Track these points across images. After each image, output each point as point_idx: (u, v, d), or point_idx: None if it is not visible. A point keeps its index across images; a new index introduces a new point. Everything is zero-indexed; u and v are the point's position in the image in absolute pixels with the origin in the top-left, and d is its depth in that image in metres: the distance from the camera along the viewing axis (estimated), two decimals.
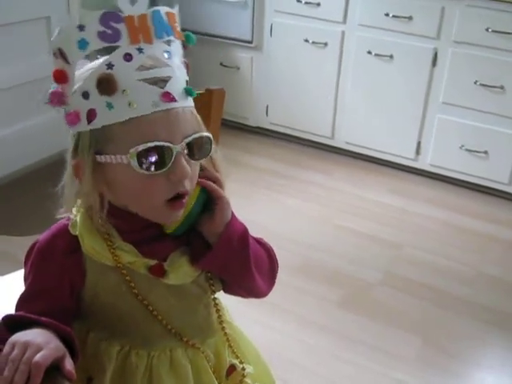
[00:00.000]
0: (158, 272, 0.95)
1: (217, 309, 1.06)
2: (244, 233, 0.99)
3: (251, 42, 3.52)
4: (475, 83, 2.97)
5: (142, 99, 0.85)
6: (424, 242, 2.79)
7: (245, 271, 0.99)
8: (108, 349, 0.99)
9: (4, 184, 3.06)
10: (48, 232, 0.97)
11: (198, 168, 0.94)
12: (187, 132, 0.89)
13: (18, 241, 2.29)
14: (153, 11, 0.87)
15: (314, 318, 2.29)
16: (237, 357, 1.09)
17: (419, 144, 3.26)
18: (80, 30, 0.84)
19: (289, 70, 3.48)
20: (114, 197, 0.92)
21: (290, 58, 3.45)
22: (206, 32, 3.60)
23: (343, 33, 3.25)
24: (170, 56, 0.89)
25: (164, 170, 0.87)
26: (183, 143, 0.88)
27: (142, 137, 0.86)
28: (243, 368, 1.09)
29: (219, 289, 1.04)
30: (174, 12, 0.91)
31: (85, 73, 0.88)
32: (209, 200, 0.96)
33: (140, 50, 0.86)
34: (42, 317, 0.89)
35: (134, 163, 0.86)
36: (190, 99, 0.92)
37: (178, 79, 0.89)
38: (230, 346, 1.09)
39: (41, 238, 0.97)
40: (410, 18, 3.04)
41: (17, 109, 3.00)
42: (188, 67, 0.94)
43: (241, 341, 1.14)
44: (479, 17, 2.88)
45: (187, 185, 0.91)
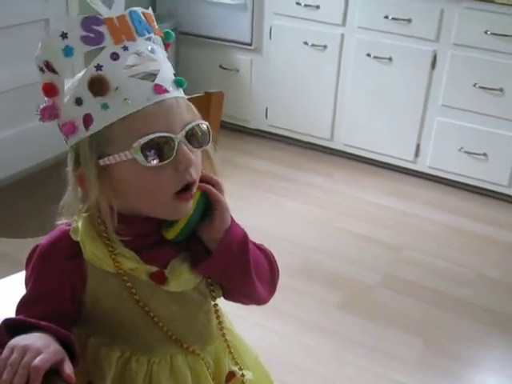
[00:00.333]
0: (159, 279, 0.95)
1: (217, 315, 1.06)
2: (244, 238, 0.98)
3: (251, 45, 3.52)
4: (474, 86, 2.98)
5: (136, 94, 0.86)
6: (423, 244, 2.79)
7: (245, 277, 0.99)
8: (108, 354, 0.98)
9: (4, 186, 3.06)
10: (50, 236, 0.97)
11: (200, 157, 0.94)
12: (185, 121, 0.90)
13: (19, 243, 2.29)
14: (130, 11, 0.89)
15: (314, 320, 2.29)
16: (236, 363, 1.09)
17: (418, 146, 3.26)
18: (63, 38, 0.85)
19: (288, 73, 3.48)
20: (122, 200, 0.92)
21: (290, 61, 3.45)
22: (206, 34, 3.61)
23: (342, 35, 3.25)
24: (154, 51, 0.91)
25: (169, 161, 0.87)
26: (183, 132, 0.89)
27: (142, 131, 0.86)
28: (242, 374, 1.08)
29: (219, 295, 1.04)
30: (150, 12, 0.93)
31: (74, 83, 0.88)
32: (208, 205, 0.96)
33: (125, 48, 0.87)
34: (42, 321, 0.89)
35: (140, 157, 0.86)
36: (181, 90, 0.93)
37: (166, 72, 0.91)
38: (230, 353, 1.09)
39: (42, 242, 0.97)
40: (409, 21, 3.04)
41: (16, 111, 3.00)
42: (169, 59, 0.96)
43: (240, 347, 1.13)
44: (478, 19, 2.89)
45: (193, 173, 0.91)
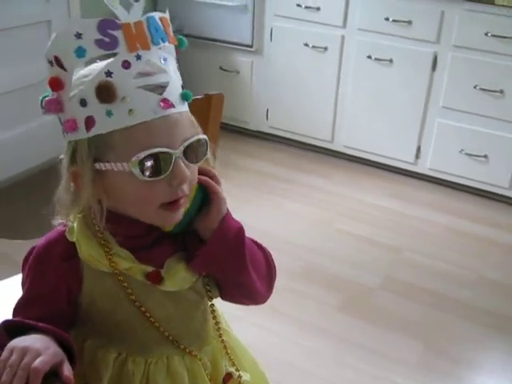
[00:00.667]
0: (155, 279, 0.95)
1: (214, 315, 1.06)
2: (239, 230, 0.98)
3: (251, 46, 3.52)
4: (475, 87, 2.98)
5: (142, 106, 0.85)
6: (424, 246, 2.79)
7: (241, 269, 0.98)
8: (105, 356, 0.98)
9: (5, 187, 3.06)
10: (45, 238, 0.97)
11: (197, 171, 0.94)
12: (185, 136, 0.89)
13: (18, 244, 2.29)
14: (148, 18, 0.87)
15: (314, 322, 2.29)
16: (233, 364, 1.09)
17: (419, 148, 3.26)
18: (77, 38, 0.84)
19: (289, 74, 3.48)
20: (112, 202, 0.92)
21: (290, 62, 3.45)
22: (206, 36, 3.61)
23: (343, 37, 3.25)
24: (167, 62, 0.90)
25: (165, 176, 0.87)
26: (182, 147, 0.88)
27: (142, 144, 0.86)
28: (240, 376, 1.08)
29: (216, 295, 1.04)
30: (167, 16, 0.92)
31: (82, 78, 0.87)
32: (205, 197, 0.97)
33: (138, 57, 0.86)
34: (40, 322, 0.89)
35: (136, 171, 0.86)
36: (186, 104, 0.92)
37: (175, 84, 0.90)
38: (227, 354, 1.08)
39: (38, 244, 0.97)
40: (410, 23, 3.04)
41: (19, 112, 3.01)
42: (179, 66, 0.95)
43: (237, 348, 1.13)
44: (478, 21, 2.89)
45: (186, 189, 0.91)
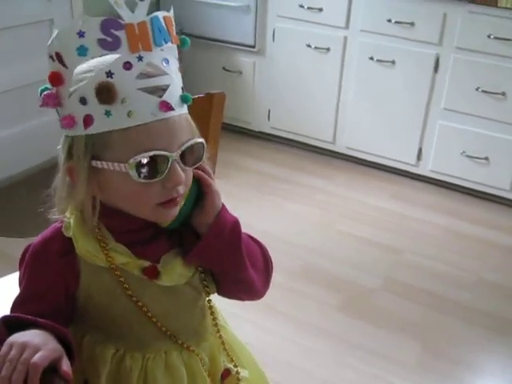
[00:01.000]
0: (152, 273, 0.95)
1: (211, 311, 1.06)
2: (235, 223, 0.98)
3: (254, 47, 3.52)
4: (477, 89, 2.98)
5: (141, 108, 0.86)
6: (424, 248, 2.79)
7: (238, 263, 0.99)
8: (103, 352, 0.99)
9: (5, 186, 3.07)
10: (41, 235, 0.98)
11: (192, 173, 0.95)
12: (183, 139, 0.90)
13: (18, 242, 2.30)
14: (152, 18, 0.87)
15: (314, 322, 2.29)
16: (231, 360, 1.10)
17: (420, 150, 3.26)
18: (80, 37, 0.83)
19: (291, 75, 3.49)
20: (107, 198, 0.92)
21: (293, 63, 3.45)
22: (209, 36, 3.62)
23: (345, 38, 3.26)
24: (168, 63, 0.90)
25: (160, 178, 0.88)
26: (179, 151, 0.89)
27: (140, 145, 0.86)
28: (238, 372, 1.09)
29: (213, 291, 1.04)
30: (171, 15, 0.91)
31: (82, 74, 0.87)
32: (200, 193, 0.97)
33: (139, 58, 0.86)
34: (39, 318, 0.89)
35: (133, 173, 0.86)
36: (186, 106, 0.92)
37: (175, 87, 0.90)
38: (225, 350, 1.09)
39: (34, 242, 0.98)
40: (412, 24, 3.04)
41: (20, 110, 3.02)
42: (180, 67, 0.95)
43: (235, 345, 1.14)
44: (481, 23, 2.89)
45: (181, 190, 0.92)
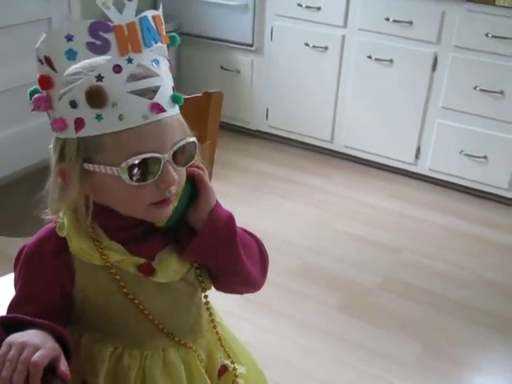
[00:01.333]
0: (147, 270, 0.96)
1: (207, 307, 1.06)
2: (229, 218, 0.99)
3: (252, 46, 3.52)
4: (475, 88, 2.98)
5: (132, 111, 0.85)
6: (423, 246, 2.79)
7: (234, 257, 0.99)
8: (101, 350, 0.99)
9: (4, 185, 3.07)
10: (35, 236, 0.98)
11: (185, 172, 0.94)
12: (174, 140, 0.90)
13: (17, 241, 2.29)
14: (141, 18, 0.86)
15: (313, 322, 2.29)
16: (228, 357, 1.10)
17: (419, 148, 3.26)
18: (68, 40, 0.83)
19: (289, 74, 3.49)
20: (99, 199, 0.92)
21: (291, 62, 3.45)
22: (207, 35, 3.62)
23: (343, 37, 3.26)
24: (158, 64, 0.89)
25: (153, 180, 0.88)
26: (171, 151, 0.89)
27: (132, 149, 0.86)
28: (235, 368, 1.09)
29: (209, 286, 1.04)
30: (160, 14, 0.91)
31: (71, 76, 0.86)
32: (194, 190, 0.97)
33: (129, 61, 0.85)
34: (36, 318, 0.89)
35: (125, 176, 0.86)
36: (177, 106, 0.92)
37: (166, 87, 0.89)
38: (222, 346, 1.09)
39: (29, 243, 0.98)
40: (411, 23, 3.04)
41: (17, 110, 3.01)
42: (171, 66, 0.94)
43: (232, 342, 1.14)
44: (479, 22, 2.89)
45: (173, 190, 0.92)
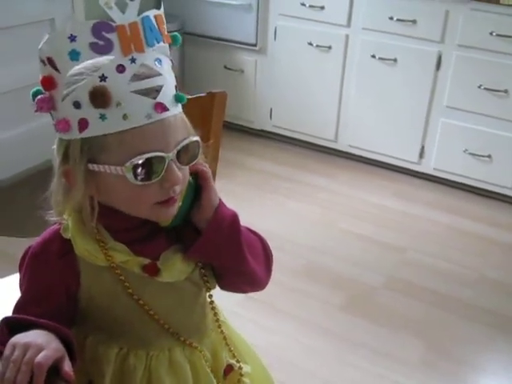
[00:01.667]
0: (152, 270, 0.96)
1: (212, 307, 1.07)
2: (233, 217, 0.99)
3: (255, 45, 3.52)
4: (479, 87, 2.97)
5: (136, 111, 0.85)
6: (427, 246, 2.79)
7: (238, 256, 0.99)
8: (106, 351, 0.99)
9: (7, 185, 3.08)
10: (40, 238, 0.98)
11: (188, 171, 0.95)
12: (178, 139, 0.90)
13: (20, 242, 2.30)
14: (143, 18, 0.87)
15: (317, 321, 2.29)
16: (234, 356, 1.10)
17: (423, 147, 3.25)
18: (71, 41, 0.83)
19: (293, 73, 3.48)
20: (104, 199, 0.93)
21: (294, 62, 3.45)
22: (210, 35, 3.62)
23: (347, 36, 3.25)
24: (161, 63, 0.89)
25: (157, 179, 0.88)
26: (175, 150, 0.89)
27: (136, 148, 0.86)
28: (240, 367, 1.09)
29: (214, 286, 1.05)
30: (161, 13, 0.91)
31: (74, 77, 0.86)
32: (198, 190, 0.97)
33: (132, 61, 0.85)
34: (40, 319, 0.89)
35: (130, 176, 0.86)
36: (180, 105, 0.92)
37: (169, 86, 0.90)
38: (227, 345, 1.09)
39: (33, 244, 0.98)
40: (414, 22, 3.04)
41: (20, 111, 3.01)
42: (174, 66, 0.94)
43: (237, 341, 1.14)
44: (483, 20, 2.88)
45: (178, 189, 0.92)
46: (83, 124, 0.86)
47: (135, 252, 0.95)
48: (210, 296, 1.05)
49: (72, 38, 0.83)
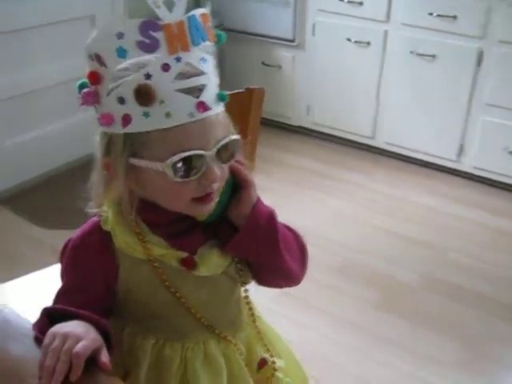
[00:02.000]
0: (190, 264, 0.97)
1: (247, 301, 1.08)
2: (271, 214, 1.00)
3: (293, 41, 3.52)
4: None
5: (179, 109, 0.86)
6: (465, 246, 2.75)
7: (275, 253, 0.99)
8: (143, 343, 1.01)
9: (50, 177, 3.14)
10: (80, 229, 1.00)
11: (227, 169, 0.95)
12: (219, 137, 0.91)
13: (63, 234, 2.34)
14: (189, 17, 0.87)
15: (350, 318, 2.28)
16: (268, 350, 1.11)
17: (461, 145, 3.21)
18: (118, 38, 0.84)
19: (331, 69, 3.47)
20: (143, 193, 0.94)
21: (332, 57, 3.44)
22: (249, 31, 3.62)
23: (386, 32, 3.22)
24: (206, 62, 0.90)
25: (196, 177, 0.89)
26: (215, 149, 0.90)
27: (177, 146, 0.87)
28: (274, 362, 1.10)
29: (249, 280, 1.06)
30: (207, 12, 0.91)
31: (121, 72, 0.87)
32: (236, 186, 0.98)
33: (178, 59, 0.86)
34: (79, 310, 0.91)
35: (169, 172, 0.88)
36: (222, 104, 0.93)
37: (212, 85, 0.91)
38: (261, 340, 1.10)
39: (74, 236, 1.00)
40: (455, 18, 2.99)
41: (62, 105, 3.07)
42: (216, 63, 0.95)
43: (271, 335, 1.15)
44: None
45: (216, 187, 0.93)
46: (127, 120, 0.87)
47: (173, 246, 0.97)
48: (246, 291, 1.06)
49: (119, 36, 0.84)
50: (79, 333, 0.85)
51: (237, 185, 0.98)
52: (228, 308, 1.06)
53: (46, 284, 1.27)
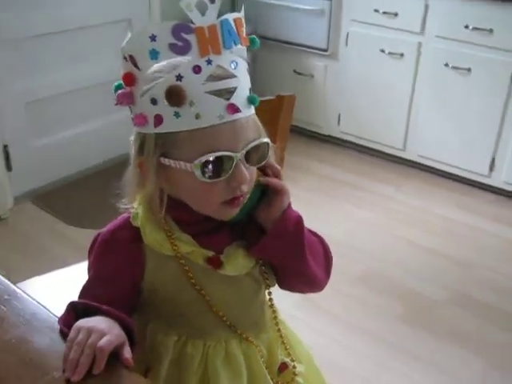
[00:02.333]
0: (216, 263, 0.98)
1: (270, 304, 1.08)
2: (299, 219, 1.00)
3: (326, 51, 3.52)
4: None
5: (208, 111, 0.88)
6: (492, 262, 2.71)
7: (300, 258, 1.00)
8: (165, 339, 1.02)
9: (82, 177, 3.19)
10: (111, 224, 1.02)
11: (255, 171, 0.96)
12: (248, 139, 0.92)
13: (91, 234, 2.38)
14: (222, 21, 0.89)
15: (374, 329, 2.27)
16: (288, 354, 1.11)
17: (493, 160, 3.17)
18: (151, 40, 0.87)
19: (363, 80, 3.46)
20: (173, 192, 0.96)
21: (365, 68, 3.43)
22: (282, 39, 3.64)
23: (420, 44, 3.21)
24: (237, 66, 0.91)
25: (224, 178, 0.90)
26: (244, 151, 0.91)
27: (207, 146, 0.89)
28: (294, 366, 1.10)
29: (273, 283, 1.06)
30: (241, 16, 0.93)
31: (153, 74, 0.90)
32: (266, 188, 0.99)
33: (209, 62, 0.88)
34: (103, 305, 0.92)
35: (198, 173, 0.89)
36: (253, 107, 0.94)
37: (243, 88, 0.92)
38: (283, 343, 1.11)
39: (103, 231, 1.02)
40: (491, 31, 2.96)
41: (98, 106, 3.12)
42: (249, 68, 0.96)
43: (293, 340, 1.16)
44: None
45: (245, 189, 0.94)
46: (158, 120, 0.89)
47: (200, 244, 0.98)
48: (269, 293, 1.07)
49: (153, 38, 0.87)
50: (103, 328, 0.87)
51: (266, 187, 0.99)
52: (251, 309, 1.07)
53: (73, 280, 1.29)
